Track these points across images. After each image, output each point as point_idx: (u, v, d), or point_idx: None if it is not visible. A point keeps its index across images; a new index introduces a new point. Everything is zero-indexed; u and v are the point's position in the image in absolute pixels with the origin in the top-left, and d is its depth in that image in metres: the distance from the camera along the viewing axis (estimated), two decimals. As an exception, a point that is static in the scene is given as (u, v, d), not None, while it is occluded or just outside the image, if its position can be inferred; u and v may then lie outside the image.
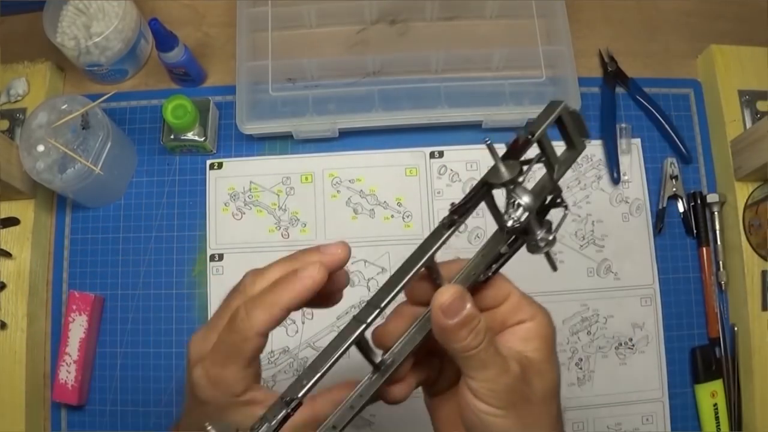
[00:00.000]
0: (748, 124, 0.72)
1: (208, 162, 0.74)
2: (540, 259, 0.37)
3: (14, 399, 0.67)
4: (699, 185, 0.75)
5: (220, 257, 0.72)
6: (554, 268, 0.38)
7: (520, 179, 0.35)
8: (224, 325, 0.37)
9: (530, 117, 0.73)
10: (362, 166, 0.74)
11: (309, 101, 0.73)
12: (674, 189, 0.73)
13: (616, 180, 0.73)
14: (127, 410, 0.69)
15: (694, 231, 0.72)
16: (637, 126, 0.75)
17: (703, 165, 0.75)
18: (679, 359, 0.70)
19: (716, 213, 0.72)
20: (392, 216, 0.73)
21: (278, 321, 0.36)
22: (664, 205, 0.73)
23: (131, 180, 0.74)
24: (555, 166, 0.37)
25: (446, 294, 0.34)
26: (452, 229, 0.36)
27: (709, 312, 0.71)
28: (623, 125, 0.75)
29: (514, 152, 0.36)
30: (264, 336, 0.36)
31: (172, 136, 0.71)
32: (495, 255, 0.37)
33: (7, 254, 0.69)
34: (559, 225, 0.36)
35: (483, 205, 0.37)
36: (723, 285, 0.71)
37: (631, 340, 0.70)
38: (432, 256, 0.36)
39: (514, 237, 0.37)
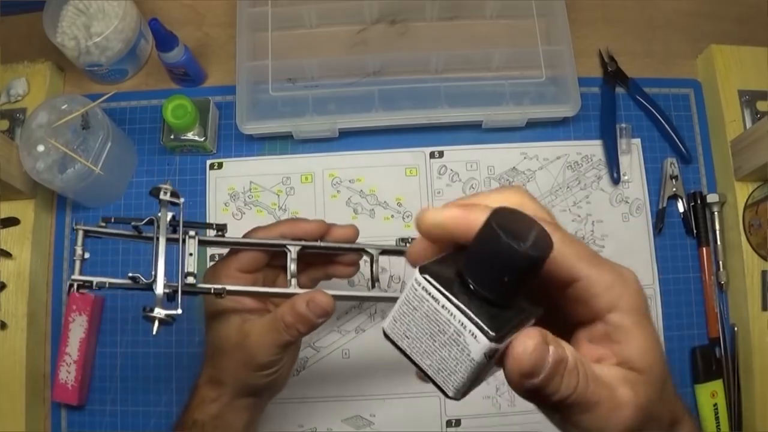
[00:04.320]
0: (748, 124, 0.72)
1: (208, 162, 0.74)
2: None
3: (14, 399, 0.67)
4: (699, 185, 0.74)
5: (221, 257, 0.72)
6: None
7: None
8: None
9: (530, 117, 0.73)
10: (362, 166, 0.74)
11: (309, 101, 0.73)
12: (674, 189, 0.73)
13: (616, 180, 0.73)
14: (127, 410, 0.69)
15: (694, 231, 0.72)
16: (637, 126, 0.75)
17: (703, 165, 0.75)
18: (679, 359, 0.70)
19: (716, 213, 0.72)
20: (392, 216, 0.73)
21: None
22: (664, 205, 0.73)
23: (131, 180, 0.74)
24: None
25: (525, 349, 0.26)
26: None
27: (709, 312, 0.71)
28: (623, 125, 0.75)
29: None
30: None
31: (172, 136, 0.71)
32: None
33: (7, 254, 0.69)
34: None
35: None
36: (723, 285, 0.71)
37: (631, 340, 0.70)
38: None
39: None
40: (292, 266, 0.51)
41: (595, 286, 0.28)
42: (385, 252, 0.55)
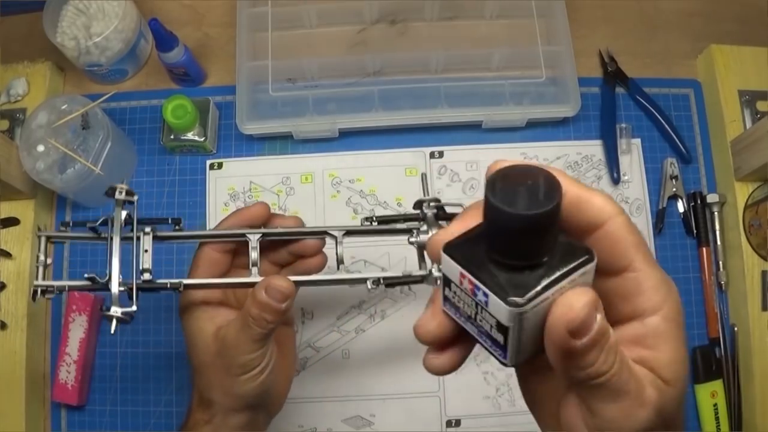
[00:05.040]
0: (748, 124, 0.72)
1: (208, 162, 0.74)
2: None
3: (14, 399, 0.67)
4: (699, 185, 0.74)
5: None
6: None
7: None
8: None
9: (530, 117, 0.73)
10: (362, 166, 0.74)
11: (309, 101, 0.73)
12: (674, 189, 0.73)
13: (616, 180, 0.73)
14: (127, 410, 0.69)
15: (694, 231, 0.72)
16: (637, 126, 0.75)
17: (703, 165, 0.75)
18: (679, 359, 0.70)
19: (716, 213, 0.72)
20: (392, 216, 0.73)
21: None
22: (664, 205, 0.73)
23: (131, 180, 0.74)
24: None
25: (578, 304, 0.24)
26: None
27: (709, 312, 0.71)
28: (623, 125, 0.75)
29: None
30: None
31: (172, 136, 0.71)
32: None
33: (7, 254, 0.69)
34: None
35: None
36: (723, 285, 0.71)
37: (631, 340, 0.70)
38: None
39: None
40: (253, 254, 0.50)
41: (645, 283, 0.27)
42: (350, 233, 0.52)
